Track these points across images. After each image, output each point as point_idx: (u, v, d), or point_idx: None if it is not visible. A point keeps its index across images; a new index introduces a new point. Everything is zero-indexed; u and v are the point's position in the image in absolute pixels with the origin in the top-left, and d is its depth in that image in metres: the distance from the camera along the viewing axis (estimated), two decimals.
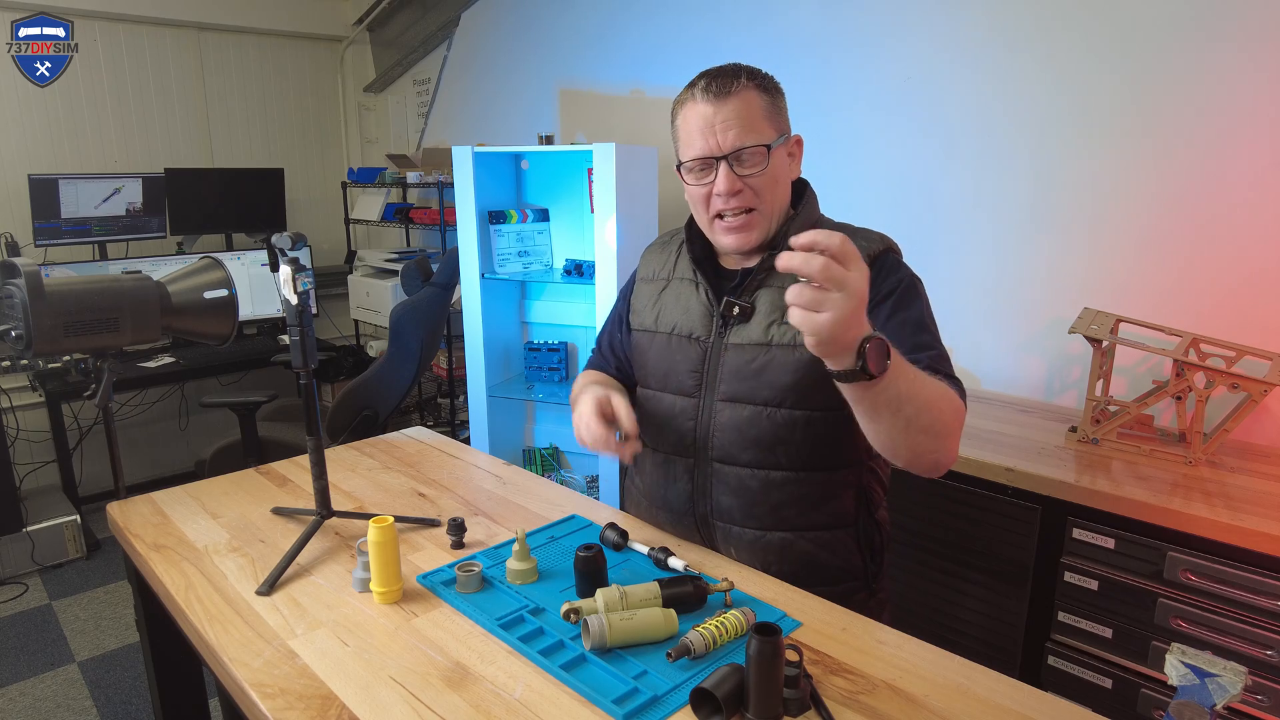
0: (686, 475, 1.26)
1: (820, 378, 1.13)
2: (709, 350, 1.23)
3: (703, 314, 1.25)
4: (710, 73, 1.17)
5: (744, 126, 1.13)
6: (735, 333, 1.21)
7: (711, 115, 1.14)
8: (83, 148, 3.61)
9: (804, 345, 1.07)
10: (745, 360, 1.19)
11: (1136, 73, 1.85)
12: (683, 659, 0.96)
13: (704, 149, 1.15)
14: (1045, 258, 2.06)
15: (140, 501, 1.48)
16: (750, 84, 1.15)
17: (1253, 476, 1.56)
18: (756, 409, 1.19)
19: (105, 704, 2.33)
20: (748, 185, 1.15)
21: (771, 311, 1.19)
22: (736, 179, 1.15)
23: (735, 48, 2.64)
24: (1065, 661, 1.60)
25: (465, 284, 2.75)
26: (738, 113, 1.13)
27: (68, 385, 3.18)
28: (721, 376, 1.21)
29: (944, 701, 0.90)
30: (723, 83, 1.14)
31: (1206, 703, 0.78)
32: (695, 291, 1.27)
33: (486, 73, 3.66)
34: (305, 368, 1.29)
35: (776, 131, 1.17)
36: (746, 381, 1.19)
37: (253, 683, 0.95)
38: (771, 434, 1.18)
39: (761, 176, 1.15)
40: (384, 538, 1.10)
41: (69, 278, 1.50)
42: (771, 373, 1.17)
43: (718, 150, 1.14)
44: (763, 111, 1.15)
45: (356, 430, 2.96)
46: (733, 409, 1.20)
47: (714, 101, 1.14)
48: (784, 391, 1.16)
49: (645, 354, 1.32)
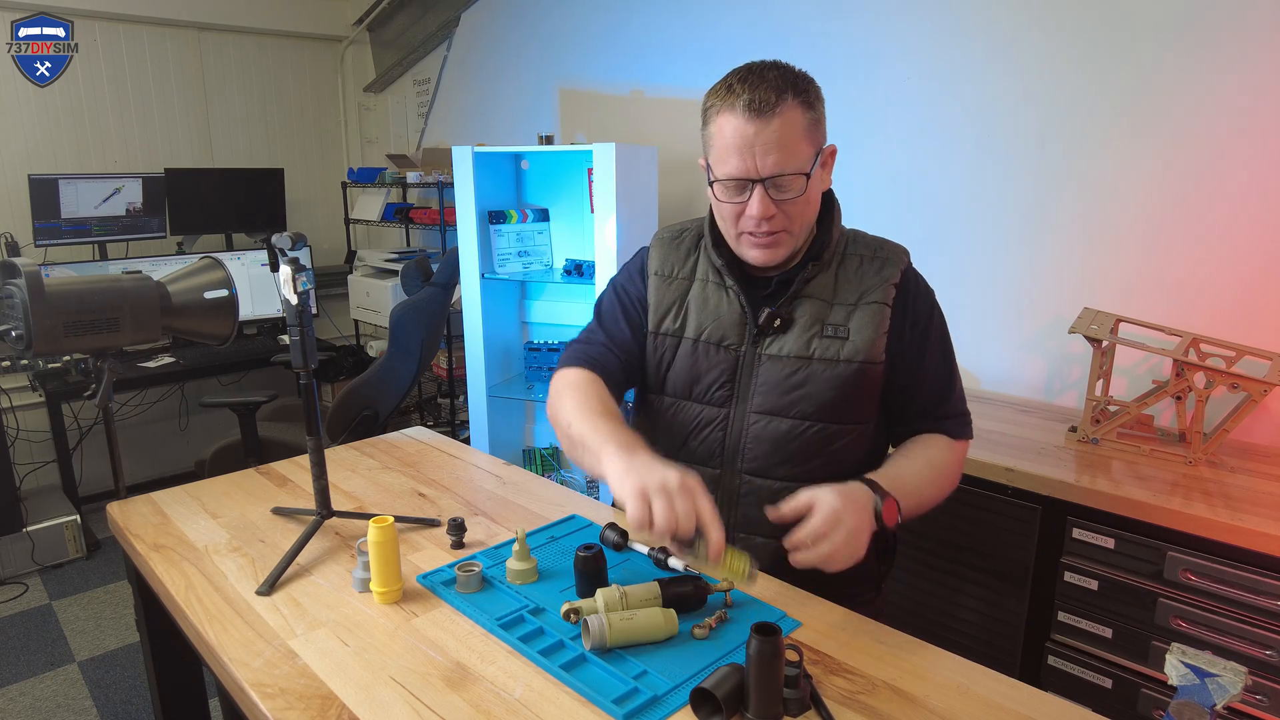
0: (711, 486, 1.18)
1: (857, 392, 1.17)
2: (742, 359, 1.19)
3: (735, 321, 1.20)
4: (752, 82, 1.06)
5: (785, 151, 1.06)
6: (771, 343, 1.17)
7: (752, 136, 1.06)
8: (83, 148, 3.61)
9: (847, 360, 1.16)
10: (784, 373, 1.16)
11: (1137, 73, 1.85)
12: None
13: (741, 170, 1.08)
14: (1045, 258, 2.06)
15: (140, 501, 1.48)
16: (795, 101, 1.06)
17: (1253, 476, 1.56)
18: (794, 422, 1.16)
19: (105, 704, 2.33)
20: (781, 210, 1.10)
21: (811, 324, 1.16)
22: (772, 204, 1.09)
23: (735, 47, 2.64)
24: (1065, 661, 1.60)
25: (465, 284, 2.75)
26: (779, 136, 1.05)
27: (68, 385, 3.18)
28: (756, 388, 1.18)
29: (944, 701, 0.90)
30: (765, 100, 1.05)
31: (1206, 703, 0.78)
32: (725, 295, 1.21)
33: (486, 73, 3.66)
34: (305, 368, 1.28)
35: (815, 148, 1.11)
36: (785, 395, 1.16)
37: (253, 683, 0.95)
38: (809, 448, 1.17)
39: (797, 201, 1.10)
40: (384, 538, 1.10)
41: (69, 278, 1.50)
42: (812, 386, 1.15)
43: (755, 174, 1.07)
44: (804, 131, 1.08)
45: (356, 430, 2.96)
46: (768, 421, 1.17)
47: (755, 121, 1.05)
48: (824, 407, 1.15)
49: (664, 358, 1.25)
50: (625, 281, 1.32)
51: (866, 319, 1.15)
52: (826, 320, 1.16)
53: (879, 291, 1.16)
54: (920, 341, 1.19)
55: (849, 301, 1.17)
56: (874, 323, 1.15)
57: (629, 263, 1.35)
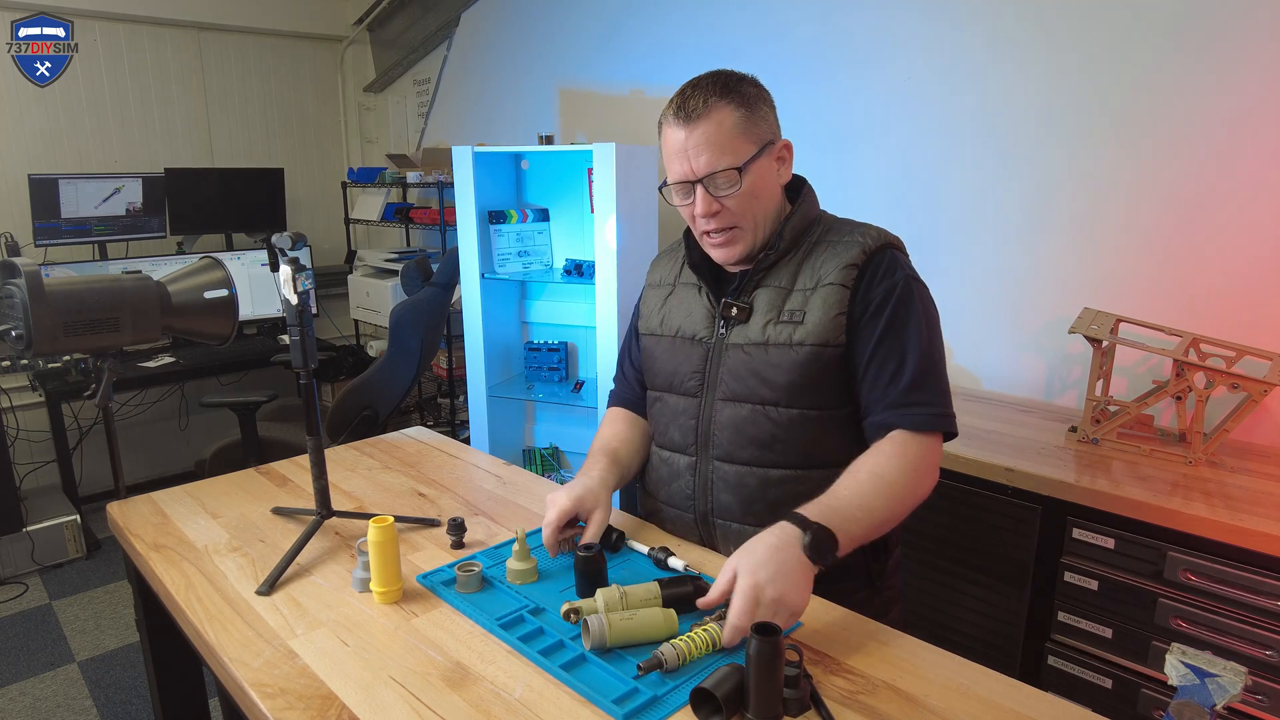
0: (689, 473, 1.27)
1: (815, 377, 1.17)
2: (710, 350, 1.25)
3: (705, 316, 1.27)
4: (684, 91, 1.16)
5: (715, 149, 1.13)
6: (735, 333, 1.22)
7: (684, 139, 1.14)
8: (83, 148, 3.61)
9: (800, 343, 1.16)
10: (744, 360, 1.21)
11: (1137, 72, 1.86)
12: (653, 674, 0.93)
13: (680, 173, 1.17)
14: (1045, 258, 2.06)
15: (140, 501, 1.48)
16: (722, 101, 1.13)
17: (1253, 476, 1.56)
18: (755, 407, 1.20)
19: (105, 704, 2.33)
20: (725, 206, 1.16)
21: (768, 310, 1.20)
22: (713, 200, 1.16)
23: (735, 47, 2.64)
24: (1065, 661, 1.60)
25: (465, 284, 2.75)
26: (708, 136, 1.13)
27: (68, 385, 3.18)
28: (722, 376, 1.23)
29: (944, 701, 0.90)
30: (692, 105, 1.13)
31: (1206, 703, 0.78)
32: (698, 295, 1.29)
33: (486, 73, 3.66)
34: (305, 368, 1.29)
35: (754, 145, 1.15)
36: (745, 380, 1.20)
37: (253, 683, 0.95)
38: (769, 432, 1.19)
39: (737, 196, 1.16)
40: (384, 537, 1.10)
41: (69, 278, 1.50)
42: (768, 371, 1.18)
43: (691, 175, 1.15)
44: (735, 129, 1.14)
45: (356, 430, 2.96)
46: (732, 408, 1.22)
47: (685, 125, 1.14)
48: (780, 390, 1.18)
49: (653, 357, 1.34)
50: (637, 302, 1.44)
51: (821, 301, 1.16)
52: (784, 306, 1.19)
53: (837, 274, 1.17)
54: (874, 322, 1.15)
55: (807, 286, 1.19)
56: (829, 304, 1.16)
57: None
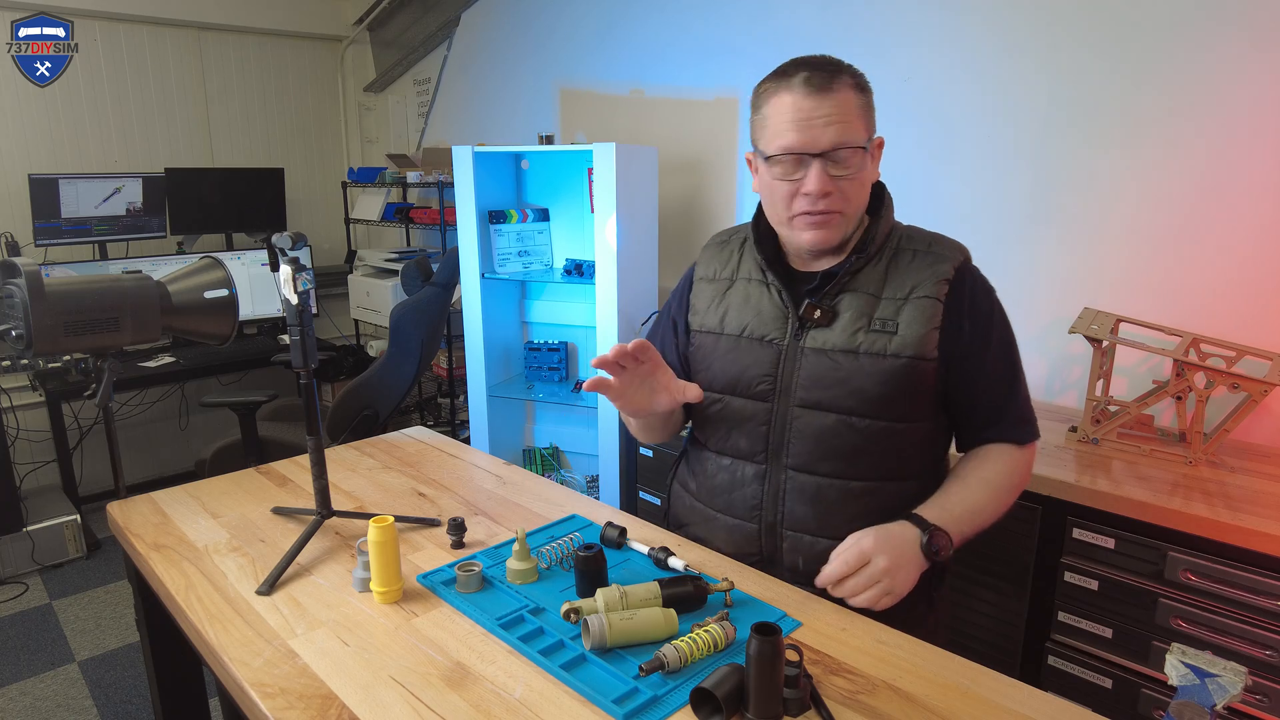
0: (756, 482, 1.21)
1: (907, 388, 1.13)
2: (784, 353, 1.19)
3: (776, 316, 1.20)
4: (810, 63, 1.10)
5: (844, 125, 1.08)
6: (813, 337, 1.17)
7: (811, 110, 1.07)
8: (83, 148, 3.61)
9: (895, 355, 1.13)
10: (828, 366, 1.15)
11: (1137, 72, 1.85)
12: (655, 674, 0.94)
13: (798, 143, 1.09)
14: (1045, 258, 2.06)
15: (140, 501, 1.48)
16: (850, 81, 1.10)
17: (1253, 476, 1.56)
18: (839, 417, 1.15)
19: (105, 704, 2.33)
20: (838, 187, 1.10)
21: (858, 318, 1.15)
22: (829, 179, 1.09)
23: (735, 47, 2.64)
24: (1065, 661, 1.60)
25: (465, 284, 2.75)
26: (839, 109, 1.08)
27: (68, 385, 3.18)
28: (799, 382, 1.17)
29: (944, 701, 0.90)
30: (825, 76, 1.08)
31: (1206, 703, 0.78)
32: (767, 292, 1.22)
33: (487, 73, 3.66)
34: (305, 368, 1.29)
35: (868, 132, 1.12)
36: (830, 389, 1.15)
37: (253, 682, 0.95)
38: (852, 443, 1.15)
39: (851, 180, 1.11)
40: (384, 537, 1.10)
41: (69, 277, 1.50)
42: (858, 380, 1.13)
43: (813, 147, 1.08)
44: (859, 110, 1.10)
45: (356, 430, 2.96)
46: (812, 416, 1.16)
47: (815, 95, 1.07)
48: (870, 400, 1.13)
49: (709, 356, 1.26)
50: (678, 291, 1.38)
51: (916, 313, 1.13)
52: (874, 314, 1.15)
53: (930, 286, 1.14)
54: (981, 339, 1.15)
55: (899, 296, 1.15)
56: (924, 317, 1.13)
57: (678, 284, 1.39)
